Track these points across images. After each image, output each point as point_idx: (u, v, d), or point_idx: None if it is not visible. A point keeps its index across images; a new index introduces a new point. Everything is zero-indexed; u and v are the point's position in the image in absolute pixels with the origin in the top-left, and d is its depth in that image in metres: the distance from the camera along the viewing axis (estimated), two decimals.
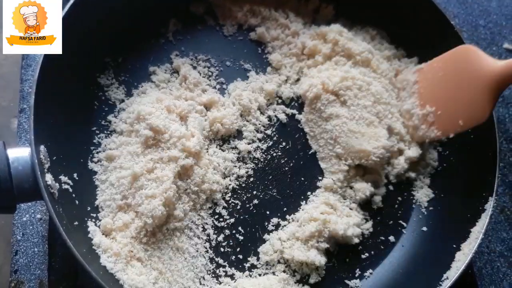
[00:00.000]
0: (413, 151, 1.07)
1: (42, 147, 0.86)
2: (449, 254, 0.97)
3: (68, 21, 0.92)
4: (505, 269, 1.10)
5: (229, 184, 1.03)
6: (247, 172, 1.05)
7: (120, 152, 0.98)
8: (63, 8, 0.93)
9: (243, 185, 1.04)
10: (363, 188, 1.03)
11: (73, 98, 1.00)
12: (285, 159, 1.07)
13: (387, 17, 1.16)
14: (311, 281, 0.98)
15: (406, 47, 1.17)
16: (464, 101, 0.99)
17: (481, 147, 1.04)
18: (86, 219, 0.94)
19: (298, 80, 1.13)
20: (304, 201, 1.04)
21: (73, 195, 0.93)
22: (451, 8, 1.36)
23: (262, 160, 1.06)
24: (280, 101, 1.11)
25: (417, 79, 1.08)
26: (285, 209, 1.03)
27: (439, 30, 1.09)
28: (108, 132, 1.02)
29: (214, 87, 1.10)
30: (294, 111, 1.10)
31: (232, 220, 1.01)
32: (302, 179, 1.06)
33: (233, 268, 0.98)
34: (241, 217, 1.01)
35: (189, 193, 0.98)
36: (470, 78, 0.97)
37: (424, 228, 1.06)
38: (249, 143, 1.06)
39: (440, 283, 0.93)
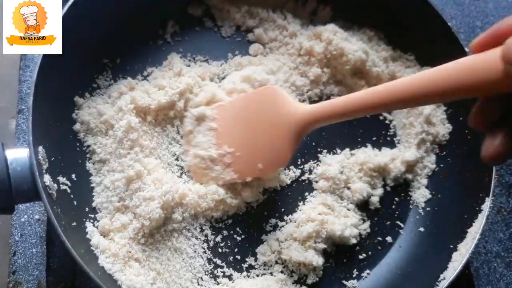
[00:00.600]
0: (410, 155, 1.07)
1: (40, 148, 0.86)
2: (446, 254, 0.98)
3: (66, 22, 0.92)
4: (502, 270, 1.10)
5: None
6: None
7: (110, 156, 0.98)
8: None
9: None
10: (360, 189, 1.04)
11: (71, 99, 1.01)
12: None
13: (385, 19, 1.16)
14: (309, 281, 0.98)
15: (404, 48, 1.17)
16: (264, 144, 0.94)
17: (478, 147, 1.04)
18: (84, 220, 0.94)
19: None
20: (301, 202, 1.05)
21: (71, 196, 0.93)
22: (448, 9, 1.36)
23: None
24: None
25: (215, 115, 1.01)
26: (283, 209, 1.03)
27: (436, 32, 1.09)
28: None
29: None
30: None
31: (230, 221, 1.01)
32: (300, 179, 1.06)
33: (231, 269, 0.98)
34: (239, 218, 1.02)
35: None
36: (273, 120, 0.92)
37: (421, 229, 1.06)
38: None
39: (437, 283, 0.94)
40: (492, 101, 0.69)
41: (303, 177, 1.06)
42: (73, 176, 0.95)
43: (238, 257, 0.99)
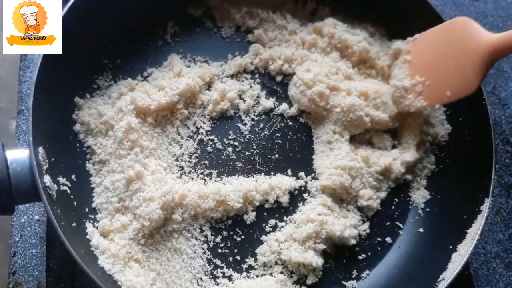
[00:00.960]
0: (409, 155, 1.07)
1: (40, 149, 0.86)
2: (445, 255, 0.98)
3: (66, 23, 0.92)
4: (501, 270, 1.10)
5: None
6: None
7: (110, 156, 0.98)
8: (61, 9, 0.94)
9: None
10: (368, 195, 1.04)
11: (71, 100, 1.01)
12: (283, 161, 1.07)
13: (386, 16, 1.17)
14: (308, 282, 0.98)
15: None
16: (454, 71, 0.99)
17: (477, 148, 1.05)
18: (84, 220, 0.94)
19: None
20: (301, 203, 1.05)
21: (71, 196, 0.93)
22: (447, 10, 1.37)
23: (260, 162, 1.06)
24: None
25: (410, 49, 1.08)
26: (282, 210, 1.04)
27: None
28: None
29: None
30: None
31: (230, 221, 1.01)
32: (300, 180, 1.06)
33: (230, 269, 0.98)
34: (239, 218, 1.02)
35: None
36: (463, 49, 0.97)
37: (421, 230, 1.06)
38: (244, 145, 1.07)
39: (437, 284, 0.94)
40: None
41: (304, 181, 1.07)
42: (73, 176, 0.95)
43: (238, 257, 0.99)
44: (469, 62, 0.96)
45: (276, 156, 1.07)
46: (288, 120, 1.10)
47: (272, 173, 1.06)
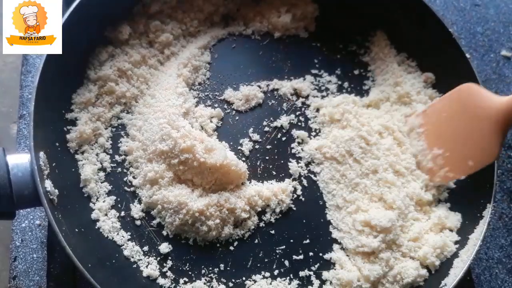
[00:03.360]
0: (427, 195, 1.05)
1: (41, 154, 0.86)
2: (447, 260, 0.97)
3: (67, 29, 0.93)
4: (503, 276, 1.10)
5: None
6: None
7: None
8: (63, 14, 0.93)
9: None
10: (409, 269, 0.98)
11: (72, 104, 1.01)
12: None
13: (386, 21, 1.18)
14: None
15: (406, 53, 1.18)
16: (471, 141, 0.97)
17: None
18: (85, 225, 0.94)
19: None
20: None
21: (72, 201, 0.93)
22: (449, 15, 1.37)
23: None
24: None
25: (421, 121, 1.06)
26: None
27: (437, 38, 1.10)
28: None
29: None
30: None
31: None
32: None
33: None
34: None
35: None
36: (474, 118, 0.96)
37: None
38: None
39: None
40: None
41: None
42: (74, 182, 0.96)
43: None
44: (484, 132, 0.94)
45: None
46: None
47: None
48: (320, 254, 0.99)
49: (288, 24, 1.17)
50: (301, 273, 0.97)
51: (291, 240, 0.99)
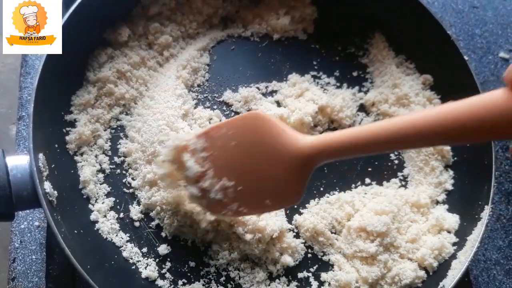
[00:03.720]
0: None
1: (40, 155, 0.86)
2: (445, 262, 0.98)
3: (67, 30, 0.93)
4: (501, 277, 1.10)
5: None
6: None
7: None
8: (63, 15, 0.94)
9: None
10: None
11: (71, 106, 1.01)
12: None
13: (384, 23, 1.18)
14: None
15: (404, 55, 1.18)
16: (268, 179, 0.82)
17: (477, 155, 1.05)
18: (84, 226, 0.94)
19: None
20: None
21: (72, 202, 0.93)
22: (447, 17, 1.37)
23: None
24: None
25: (204, 145, 0.86)
26: None
27: (436, 40, 1.10)
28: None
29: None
30: None
31: None
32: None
33: None
34: None
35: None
36: (270, 153, 0.80)
37: None
38: None
39: None
40: None
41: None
42: (73, 183, 0.96)
43: None
44: (284, 168, 0.80)
45: None
46: None
47: None
48: (319, 256, 0.99)
49: (287, 26, 1.17)
50: (300, 275, 0.97)
51: None
